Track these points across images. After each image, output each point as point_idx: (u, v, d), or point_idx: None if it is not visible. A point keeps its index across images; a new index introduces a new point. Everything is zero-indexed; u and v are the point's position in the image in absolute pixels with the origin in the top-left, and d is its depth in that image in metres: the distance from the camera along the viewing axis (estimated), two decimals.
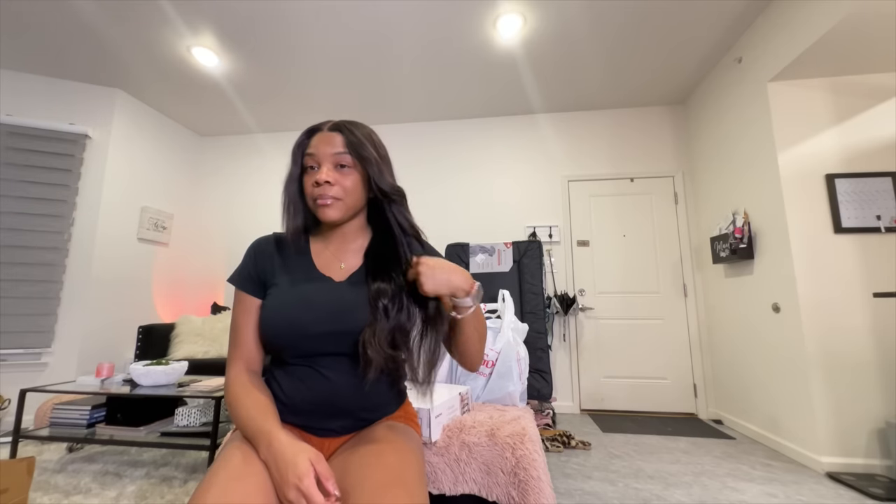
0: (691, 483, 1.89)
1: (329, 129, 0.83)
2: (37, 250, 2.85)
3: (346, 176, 0.81)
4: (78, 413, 2.01)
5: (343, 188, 0.80)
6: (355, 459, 0.72)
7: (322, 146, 0.81)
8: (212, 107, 3.53)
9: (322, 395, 0.79)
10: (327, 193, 0.79)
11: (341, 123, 0.84)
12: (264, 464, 0.68)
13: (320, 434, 0.80)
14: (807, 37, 2.09)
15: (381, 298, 0.79)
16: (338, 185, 0.80)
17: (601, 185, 3.50)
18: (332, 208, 0.80)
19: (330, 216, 0.81)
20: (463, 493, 1.10)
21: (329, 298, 0.80)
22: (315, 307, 0.79)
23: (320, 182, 0.79)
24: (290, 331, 0.78)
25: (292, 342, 0.78)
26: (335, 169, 0.81)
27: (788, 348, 2.26)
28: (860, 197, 2.20)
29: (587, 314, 3.35)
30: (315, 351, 0.79)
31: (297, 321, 0.78)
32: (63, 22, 2.50)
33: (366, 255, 0.87)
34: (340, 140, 0.81)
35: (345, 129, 0.83)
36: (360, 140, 0.82)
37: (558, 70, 3.02)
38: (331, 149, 0.80)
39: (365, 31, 2.60)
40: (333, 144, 0.81)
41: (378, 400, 0.84)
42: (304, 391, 0.79)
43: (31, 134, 2.92)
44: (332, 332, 0.78)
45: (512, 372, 1.58)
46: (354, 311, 0.79)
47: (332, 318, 0.78)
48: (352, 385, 0.79)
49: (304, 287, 0.82)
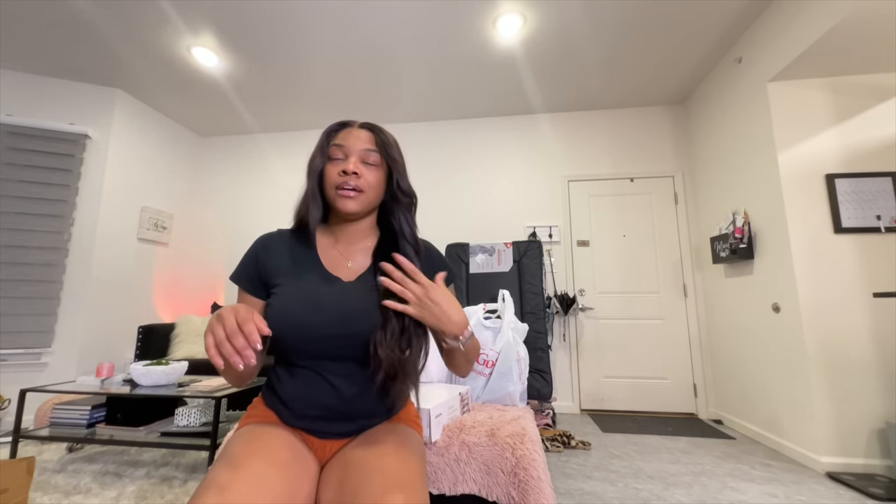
0: (691, 483, 1.89)
1: (359, 126, 0.87)
2: (37, 250, 2.85)
3: (371, 172, 0.84)
4: (78, 413, 2.02)
5: (367, 182, 0.82)
6: (357, 462, 0.72)
7: (352, 140, 0.84)
8: (212, 107, 3.53)
9: (326, 401, 0.78)
10: (352, 183, 0.81)
11: (371, 124, 0.88)
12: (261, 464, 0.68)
13: (323, 437, 0.80)
14: (807, 37, 2.09)
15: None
16: (363, 179, 0.82)
17: (601, 185, 3.50)
18: (354, 200, 0.82)
19: (350, 207, 0.82)
20: (463, 493, 1.10)
21: (338, 301, 0.79)
22: (325, 309, 0.78)
23: (348, 171, 0.80)
24: (297, 332, 0.77)
25: (299, 344, 0.78)
26: (362, 164, 0.83)
27: (788, 348, 2.26)
28: (860, 197, 2.20)
29: (587, 314, 3.35)
30: (321, 353, 0.78)
31: (305, 323, 0.77)
32: (63, 22, 2.50)
33: (374, 256, 0.87)
34: (370, 137, 0.85)
35: (375, 129, 0.87)
36: (388, 141, 0.86)
37: (558, 70, 3.02)
38: (361, 144, 0.84)
39: (365, 31, 2.60)
40: (363, 140, 0.84)
41: (382, 403, 0.83)
42: (308, 396, 0.78)
43: (31, 134, 2.93)
44: (341, 335, 0.77)
45: (512, 372, 1.58)
46: (364, 313, 0.78)
47: (341, 320, 0.77)
48: (356, 390, 0.79)
49: (313, 288, 0.81)
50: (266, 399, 0.84)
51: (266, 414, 0.81)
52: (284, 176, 3.93)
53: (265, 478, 0.66)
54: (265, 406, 0.83)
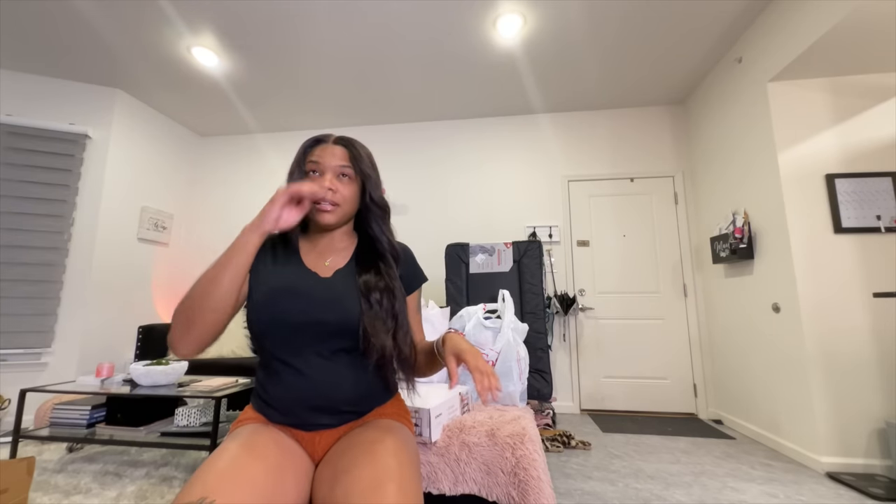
0: (691, 483, 1.89)
1: (334, 142, 0.92)
2: (37, 250, 2.85)
3: (346, 186, 0.89)
4: (78, 413, 2.01)
5: (342, 196, 0.88)
6: (349, 458, 0.74)
7: (327, 157, 0.89)
8: (212, 107, 3.53)
9: (306, 393, 0.81)
10: (328, 198, 0.86)
11: (345, 139, 0.93)
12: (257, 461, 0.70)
13: (309, 429, 0.82)
14: (807, 37, 2.09)
15: (373, 291, 0.86)
16: (338, 193, 0.87)
17: (601, 185, 3.50)
18: (332, 213, 0.87)
19: (327, 220, 0.88)
20: (463, 493, 1.10)
21: (315, 290, 0.84)
22: (299, 296, 0.83)
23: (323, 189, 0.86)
24: (273, 318, 0.81)
25: (275, 329, 0.81)
26: (337, 178, 0.88)
27: (788, 348, 2.26)
28: (860, 197, 2.20)
29: (587, 314, 3.35)
30: (296, 342, 0.81)
31: (280, 308, 0.81)
32: (63, 22, 2.50)
33: (355, 255, 0.94)
34: (344, 153, 0.90)
35: (348, 145, 0.91)
36: (361, 156, 0.91)
37: (558, 70, 3.02)
38: (335, 161, 0.88)
39: (365, 31, 2.60)
40: (337, 157, 0.89)
41: (361, 392, 0.85)
42: (289, 391, 0.81)
43: (31, 134, 2.93)
44: (314, 322, 0.80)
45: (512, 372, 1.58)
46: (341, 301, 0.83)
47: (316, 307, 0.82)
48: (334, 380, 0.82)
49: (291, 280, 0.86)
50: (254, 404, 0.87)
51: (255, 417, 0.85)
52: (283, 175, 3.81)
53: (251, 473, 0.67)
54: (254, 410, 0.86)
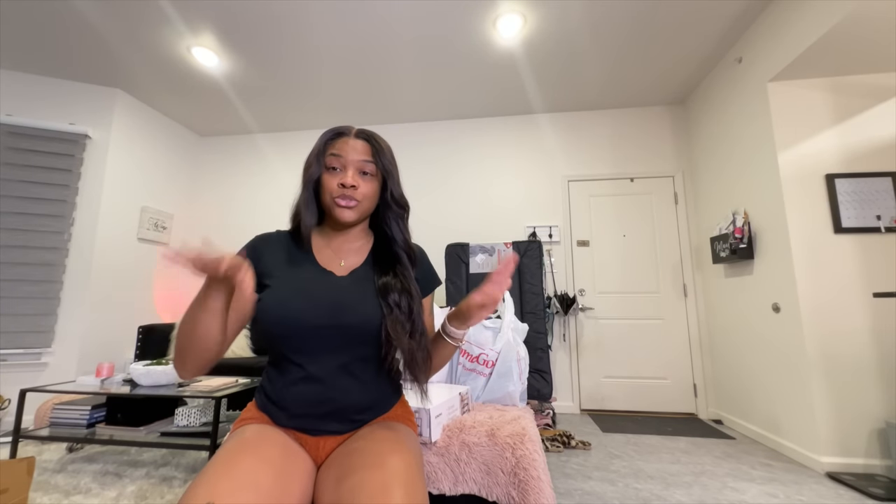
0: (691, 483, 1.89)
1: (355, 135, 0.88)
2: (37, 250, 2.85)
3: (367, 182, 0.86)
4: (78, 413, 2.01)
5: (363, 193, 0.85)
6: (355, 460, 0.72)
7: (349, 151, 0.85)
8: (212, 107, 3.53)
9: (316, 398, 0.79)
10: (350, 195, 0.83)
11: (366, 132, 0.89)
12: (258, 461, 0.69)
13: (315, 434, 0.80)
14: (807, 37, 2.09)
15: (391, 293, 0.82)
16: (360, 190, 0.84)
17: (601, 185, 3.50)
18: (352, 210, 0.84)
19: (348, 217, 0.84)
20: (463, 493, 1.10)
21: (330, 293, 0.82)
22: (317, 300, 0.79)
23: (346, 185, 0.82)
24: (287, 322, 0.78)
25: (289, 333, 0.78)
26: (359, 174, 0.85)
27: (788, 348, 2.26)
28: (860, 197, 2.20)
29: (587, 314, 3.35)
30: (311, 346, 0.79)
31: (297, 313, 0.78)
32: (63, 22, 2.50)
33: (371, 254, 0.91)
34: (366, 147, 0.86)
35: (370, 138, 0.88)
36: (383, 150, 0.87)
37: (558, 70, 3.02)
38: (357, 155, 0.85)
39: (365, 31, 2.60)
40: (359, 151, 0.85)
41: (374, 398, 0.84)
42: (298, 394, 0.79)
43: (31, 134, 2.93)
44: (331, 326, 0.78)
45: (512, 372, 1.58)
46: (356, 306, 0.80)
47: (331, 311, 0.79)
48: (346, 385, 0.80)
49: (306, 280, 0.83)
50: (258, 402, 0.85)
51: (258, 416, 0.82)
52: (283, 175, 3.93)
53: (255, 474, 0.66)
54: (257, 409, 0.84)
